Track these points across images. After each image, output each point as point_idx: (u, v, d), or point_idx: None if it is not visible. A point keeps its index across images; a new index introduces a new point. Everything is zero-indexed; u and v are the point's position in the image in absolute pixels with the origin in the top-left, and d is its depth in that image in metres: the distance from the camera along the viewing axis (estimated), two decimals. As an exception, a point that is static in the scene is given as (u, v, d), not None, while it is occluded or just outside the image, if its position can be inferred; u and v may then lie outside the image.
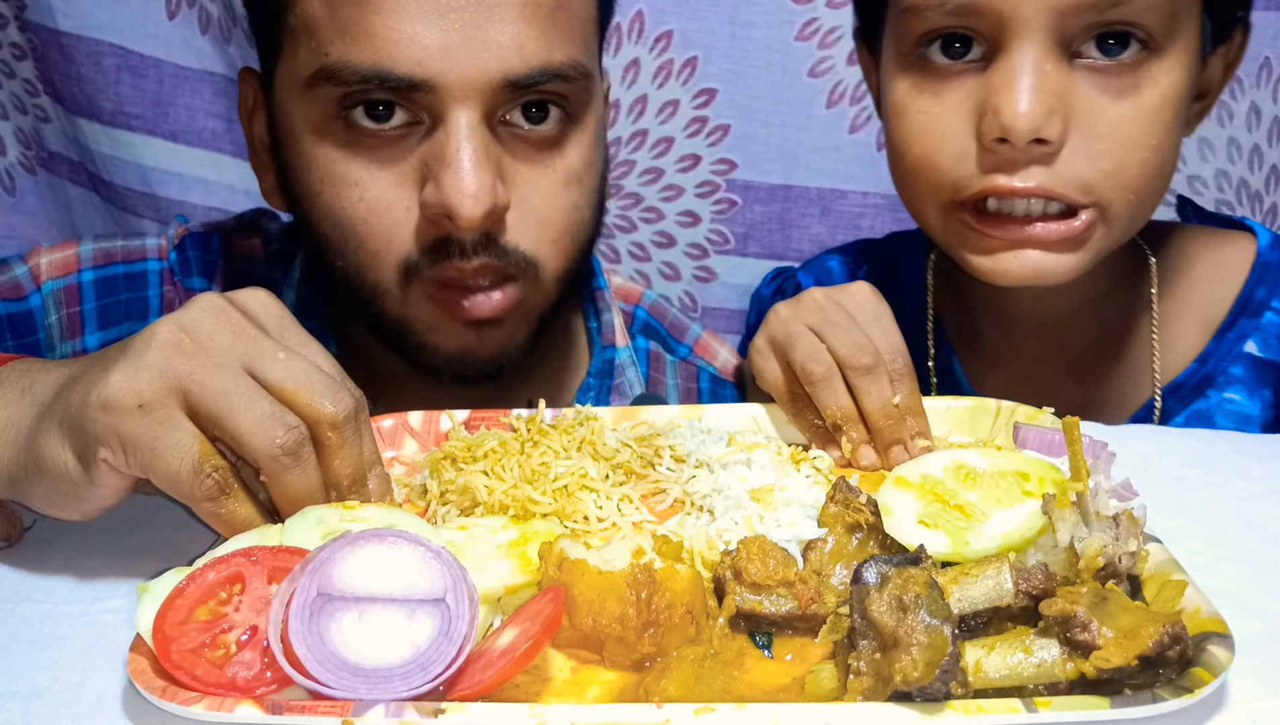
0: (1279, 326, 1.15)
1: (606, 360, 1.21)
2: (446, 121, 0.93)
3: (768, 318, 0.97)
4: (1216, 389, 1.17)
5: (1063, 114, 0.95)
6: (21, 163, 1.91)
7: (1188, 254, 1.20)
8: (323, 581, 0.61)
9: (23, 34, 1.77)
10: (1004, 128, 0.94)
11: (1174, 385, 1.17)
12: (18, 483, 0.74)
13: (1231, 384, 1.16)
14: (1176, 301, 1.18)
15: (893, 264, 1.35)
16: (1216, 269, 1.18)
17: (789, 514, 0.78)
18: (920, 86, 1.02)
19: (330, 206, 0.98)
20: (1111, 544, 0.65)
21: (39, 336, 1.15)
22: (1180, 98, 0.99)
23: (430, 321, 1.01)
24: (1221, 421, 1.17)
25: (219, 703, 0.57)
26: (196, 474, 0.68)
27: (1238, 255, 1.18)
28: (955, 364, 1.25)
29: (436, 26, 0.91)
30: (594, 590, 0.64)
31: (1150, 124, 0.97)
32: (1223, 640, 0.58)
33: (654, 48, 1.66)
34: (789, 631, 0.67)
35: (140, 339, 0.71)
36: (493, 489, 0.79)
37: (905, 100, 1.04)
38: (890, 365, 0.90)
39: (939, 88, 1.01)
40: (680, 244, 1.79)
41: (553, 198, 1.00)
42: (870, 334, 0.91)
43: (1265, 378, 1.16)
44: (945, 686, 0.55)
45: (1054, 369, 1.20)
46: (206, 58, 1.74)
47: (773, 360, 0.95)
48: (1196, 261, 1.19)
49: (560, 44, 0.96)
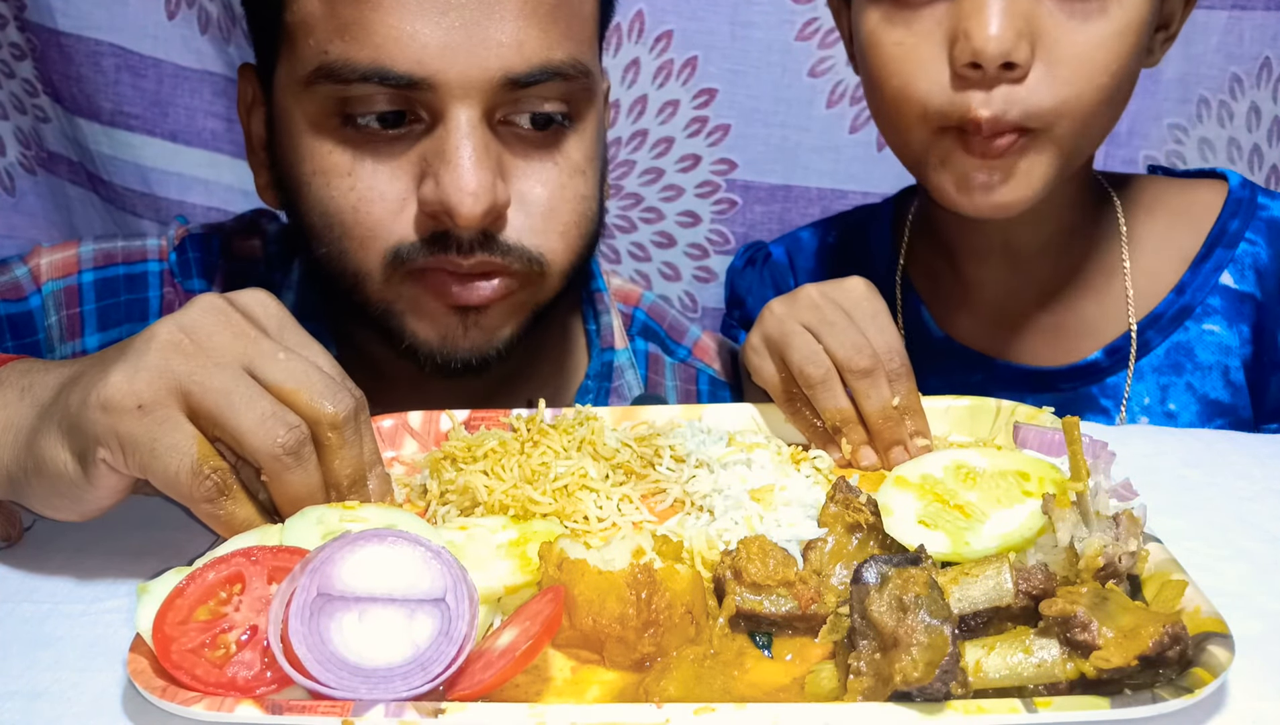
0: (1253, 257, 1.17)
1: (605, 362, 1.21)
2: (446, 119, 0.93)
3: (762, 315, 0.97)
4: (1195, 321, 1.19)
5: (1030, 37, 0.97)
6: (21, 163, 1.91)
7: (1160, 195, 1.24)
8: (323, 581, 0.61)
9: (22, 34, 1.77)
10: (975, 52, 0.95)
11: (1152, 316, 1.19)
12: (17, 483, 0.74)
13: (1210, 315, 1.18)
14: (1151, 237, 1.21)
15: (861, 231, 1.38)
16: (1190, 206, 1.22)
17: (789, 514, 0.78)
18: (892, 17, 1.03)
19: (319, 196, 0.97)
20: (1111, 544, 0.65)
21: (39, 337, 1.15)
22: (1144, 24, 1.01)
23: (411, 304, 1.00)
24: (1202, 353, 1.18)
25: (219, 703, 0.57)
26: (195, 475, 0.68)
27: (1210, 194, 1.21)
28: (924, 312, 1.27)
29: (436, 24, 0.91)
30: (594, 590, 0.64)
31: (1113, 49, 0.99)
32: (1223, 640, 0.58)
33: (654, 48, 1.66)
34: (789, 631, 0.67)
35: (140, 340, 0.71)
36: (493, 489, 0.79)
37: (878, 32, 1.05)
38: (888, 365, 0.90)
39: (909, 18, 1.02)
40: (680, 244, 1.79)
41: (558, 189, 0.99)
42: (867, 333, 0.91)
43: (1243, 311, 1.18)
44: (945, 686, 0.55)
45: (1025, 301, 1.22)
46: (206, 58, 1.74)
47: (769, 359, 0.95)
48: (1170, 201, 1.23)
49: (560, 42, 0.96)
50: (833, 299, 0.94)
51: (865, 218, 1.40)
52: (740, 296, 1.45)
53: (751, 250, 1.46)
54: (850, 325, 0.91)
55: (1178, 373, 1.20)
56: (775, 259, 1.42)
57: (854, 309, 0.93)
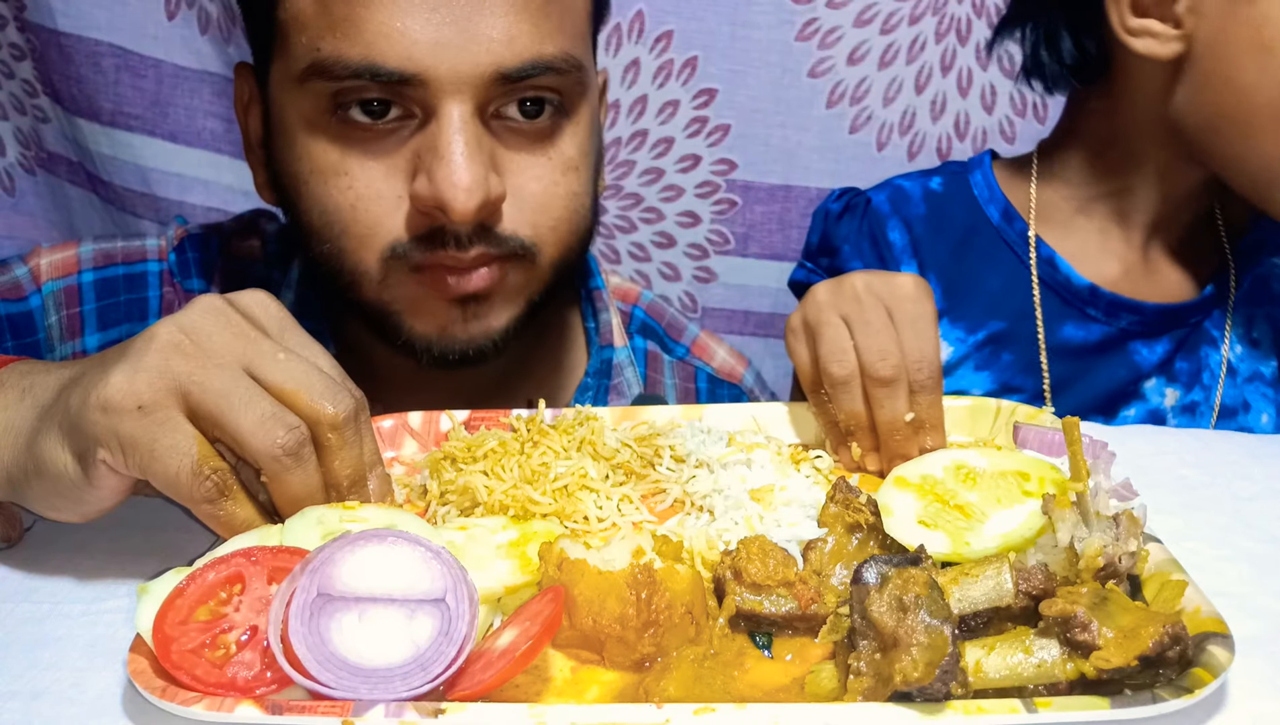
0: None
1: (604, 360, 1.21)
2: (438, 115, 0.93)
3: (806, 297, 0.94)
4: (1269, 254, 1.28)
5: None
6: (21, 163, 1.91)
7: None
8: (323, 582, 0.61)
9: (22, 34, 1.77)
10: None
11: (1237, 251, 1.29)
12: (17, 484, 0.74)
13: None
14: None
15: (963, 182, 1.38)
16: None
17: (789, 514, 0.78)
18: None
19: (317, 195, 0.98)
20: (1111, 544, 0.65)
21: (39, 337, 1.15)
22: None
23: (409, 301, 1.00)
24: (1275, 286, 1.30)
25: (219, 703, 0.57)
26: (195, 476, 0.68)
27: None
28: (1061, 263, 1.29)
29: (427, 20, 0.91)
30: (594, 590, 0.64)
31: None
32: (1223, 640, 0.58)
33: (654, 48, 1.66)
34: (789, 631, 0.67)
35: (140, 341, 0.71)
36: (493, 489, 0.79)
37: None
38: (914, 375, 0.87)
39: None
40: (680, 244, 1.79)
41: (550, 185, 1.00)
42: (902, 337, 0.88)
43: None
44: (945, 687, 0.55)
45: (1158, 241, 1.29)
46: (206, 58, 1.74)
47: (804, 344, 0.93)
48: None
49: (552, 36, 0.96)
50: (877, 294, 0.90)
51: (958, 171, 1.40)
52: (835, 244, 1.41)
53: (848, 195, 1.43)
54: (886, 326, 0.89)
55: (1257, 303, 1.29)
56: (875, 206, 1.38)
57: (896, 308, 0.89)
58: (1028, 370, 1.29)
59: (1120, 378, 1.28)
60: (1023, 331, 1.28)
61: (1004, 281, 1.30)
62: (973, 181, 1.36)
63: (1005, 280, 1.30)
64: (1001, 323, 1.29)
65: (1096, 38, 1.20)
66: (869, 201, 1.38)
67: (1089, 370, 1.28)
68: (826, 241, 1.42)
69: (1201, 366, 1.30)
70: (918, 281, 0.92)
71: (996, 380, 1.29)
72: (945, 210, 1.36)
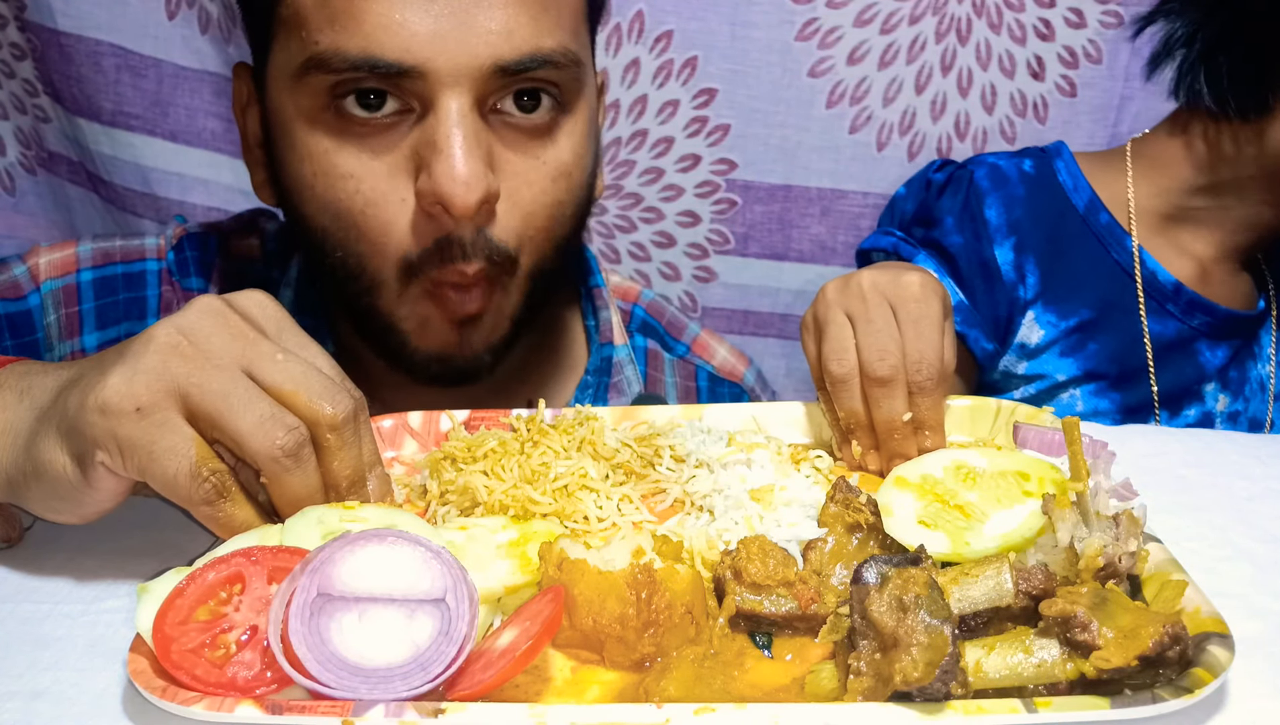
0: None
1: (605, 358, 1.21)
2: (437, 108, 0.93)
3: (819, 293, 0.94)
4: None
5: None
6: (21, 163, 1.91)
7: None
8: (323, 581, 0.61)
9: (22, 34, 1.77)
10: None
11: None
12: (16, 486, 0.74)
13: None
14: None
15: (1049, 168, 1.39)
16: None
17: (789, 514, 0.78)
18: None
19: (326, 198, 0.97)
20: (1111, 544, 0.65)
21: (37, 336, 1.15)
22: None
23: (420, 321, 1.00)
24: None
25: (219, 703, 0.57)
26: (194, 477, 0.68)
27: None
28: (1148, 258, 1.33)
29: (425, 13, 0.91)
30: (594, 590, 0.64)
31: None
32: (1223, 640, 0.58)
33: (654, 48, 1.66)
34: (789, 631, 0.67)
35: (138, 342, 0.71)
36: (493, 489, 0.79)
37: None
38: (913, 376, 0.87)
39: None
40: (680, 244, 1.79)
41: (540, 192, 0.99)
42: (905, 337, 0.88)
43: None
44: (945, 686, 0.55)
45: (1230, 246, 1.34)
46: (206, 58, 1.74)
47: (813, 340, 0.93)
48: None
49: (550, 30, 0.96)
50: (883, 292, 0.90)
51: (1042, 157, 1.41)
52: (937, 216, 1.40)
53: (950, 167, 1.43)
54: (888, 326, 0.88)
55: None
56: (977, 181, 1.39)
57: (900, 307, 0.89)
58: (1111, 359, 1.32)
59: (1188, 377, 1.32)
60: (1108, 321, 1.32)
61: (1091, 270, 1.34)
62: (1057, 169, 1.38)
63: (1092, 269, 1.34)
64: (1090, 311, 1.33)
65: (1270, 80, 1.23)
66: (972, 176, 1.39)
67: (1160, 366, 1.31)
68: (926, 212, 1.42)
69: (1246, 378, 1.32)
70: (926, 281, 0.92)
71: (1081, 367, 1.32)
72: (1040, 195, 1.38)
